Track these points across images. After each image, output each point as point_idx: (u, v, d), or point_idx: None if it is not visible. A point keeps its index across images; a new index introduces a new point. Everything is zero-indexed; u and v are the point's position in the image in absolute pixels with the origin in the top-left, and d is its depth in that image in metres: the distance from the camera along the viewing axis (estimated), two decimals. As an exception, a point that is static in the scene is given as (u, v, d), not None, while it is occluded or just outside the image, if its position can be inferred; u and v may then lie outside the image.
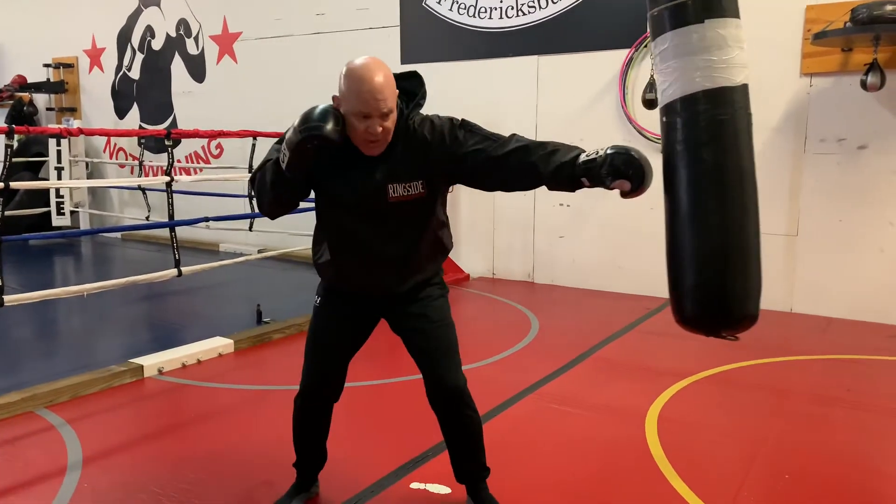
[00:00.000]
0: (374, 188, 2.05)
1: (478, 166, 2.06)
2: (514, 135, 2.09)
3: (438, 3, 6.47)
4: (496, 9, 6.22)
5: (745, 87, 1.75)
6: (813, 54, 4.95)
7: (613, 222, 5.68)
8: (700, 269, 1.78)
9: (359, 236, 2.11)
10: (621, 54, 5.67)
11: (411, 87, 2.11)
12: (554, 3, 5.96)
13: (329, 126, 1.90)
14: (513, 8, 6.15)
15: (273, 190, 2.05)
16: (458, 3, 6.37)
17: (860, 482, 2.69)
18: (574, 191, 1.99)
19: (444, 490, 2.54)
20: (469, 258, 6.61)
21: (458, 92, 6.39)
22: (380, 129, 1.94)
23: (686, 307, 1.82)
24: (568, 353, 4.17)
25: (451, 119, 2.12)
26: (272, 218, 2.16)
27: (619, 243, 5.70)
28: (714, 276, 1.78)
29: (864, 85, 4.65)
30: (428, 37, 6.57)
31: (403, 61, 6.67)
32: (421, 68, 7.31)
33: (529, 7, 6.08)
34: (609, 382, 3.76)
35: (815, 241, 5.12)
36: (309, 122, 1.89)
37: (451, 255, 6.88)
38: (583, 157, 1.91)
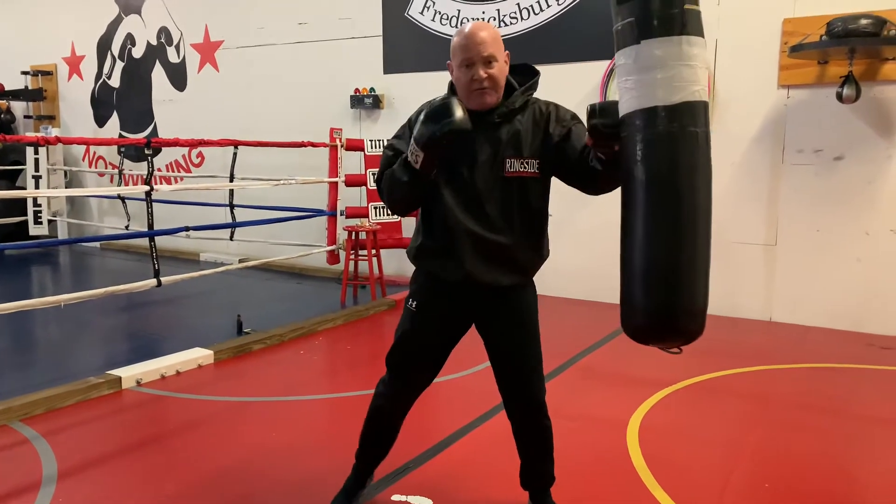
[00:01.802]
0: (492, 159, 2.06)
1: (571, 157, 2.09)
2: None
3: (421, 13, 6.49)
4: (478, 19, 6.25)
5: (683, 105, 1.74)
6: (790, 66, 5.03)
7: (595, 231, 5.70)
8: (648, 283, 1.81)
9: (469, 213, 2.07)
10: (602, 65, 5.72)
11: (524, 77, 2.19)
12: (535, 14, 6.00)
13: (458, 116, 1.92)
14: (495, 19, 6.18)
15: (411, 189, 2.06)
16: (440, 13, 6.40)
17: (839, 490, 2.71)
18: (605, 173, 1.99)
19: (425, 502, 2.52)
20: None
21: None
22: (484, 74, 2.00)
23: (634, 320, 1.85)
24: (550, 362, 4.13)
25: (571, 112, 2.22)
26: (403, 215, 2.22)
27: (600, 252, 5.71)
28: (662, 291, 1.80)
29: (839, 97, 4.72)
30: (410, 47, 6.58)
31: (386, 71, 6.67)
32: (403, 78, 7.35)
33: (511, 18, 6.11)
34: (591, 392, 3.76)
35: (793, 251, 5.18)
36: (441, 120, 1.92)
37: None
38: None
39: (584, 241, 5.86)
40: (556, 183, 2.21)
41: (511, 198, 2.08)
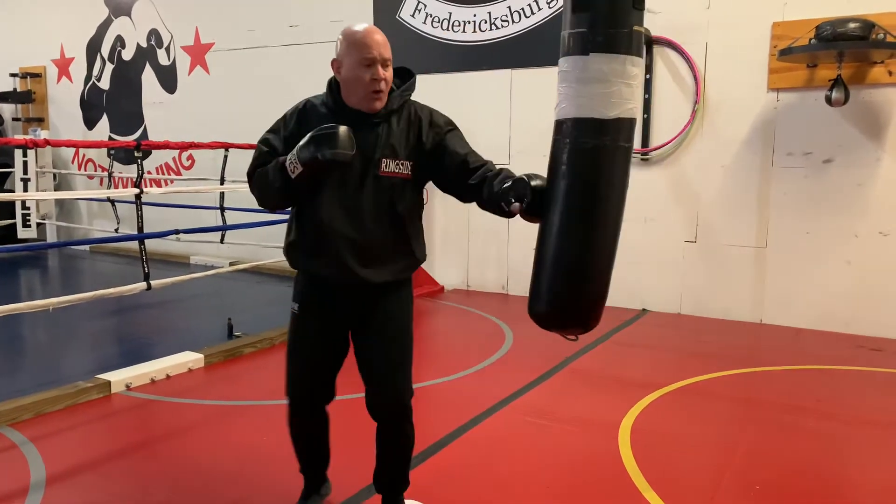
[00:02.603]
0: (367, 158, 2.07)
1: (448, 166, 2.13)
2: (472, 151, 2.18)
3: (412, 16, 6.49)
4: (469, 22, 6.26)
5: (618, 121, 1.83)
6: (779, 70, 5.06)
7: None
8: (555, 275, 1.94)
9: (342, 211, 2.07)
10: (593, 68, 5.73)
11: (400, 79, 2.19)
12: (527, 17, 6.02)
13: (343, 149, 1.93)
14: (486, 22, 6.19)
15: (281, 193, 2.07)
16: (431, 16, 6.41)
17: (830, 492, 2.72)
18: (501, 215, 2.04)
19: (417, 505, 2.52)
20: (443, 270, 6.60)
21: (432, 104, 6.40)
22: (383, 74, 2.02)
23: (538, 306, 1.98)
24: (542, 365, 4.17)
25: (448, 118, 2.24)
26: (274, 210, 2.22)
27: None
28: (567, 284, 1.94)
29: (828, 100, 4.75)
30: (401, 49, 6.52)
31: (377, 74, 6.67)
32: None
33: (503, 21, 6.13)
34: (582, 394, 3.77)
35: (783, 253, 5.21)
36: (328, 146, 1.92)
37: (425, 267, 6.86)
38: (505, 185, 1.99)
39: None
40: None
41: (383, 198, 2.10)
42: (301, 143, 1.97)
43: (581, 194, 1.89)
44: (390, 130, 2.09)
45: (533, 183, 1.92)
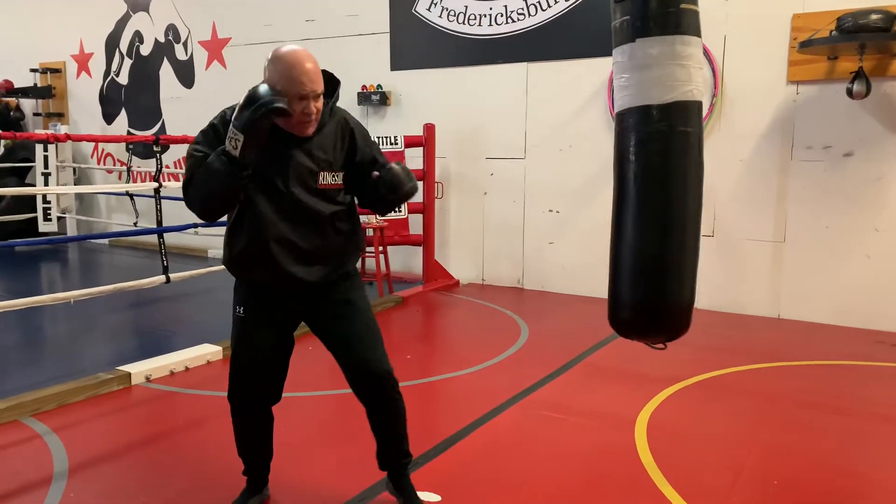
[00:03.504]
0: (307, 174, 2.12)
1: (362, 169, 2.22)
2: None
3: (428, 9, 6.48)
4: (486, 16, 6.24)
5: (675, 105, 1.75)
6: (799, 62, 5.00)
7: (602, 228, 5.67)
8: (636, 279, 1.84)
9: (284, 223, 2.13)
10: (610, 61, 5.69)
11: (327, 81, 2.17)
12: (543, 10, 5.99)
13: (275, 97, 1.97)
14: (502, 15, 6.17)
15: (228, 184, 2.03)
16: (447, 10, 6.39)
17: (848, 488, 2.70)
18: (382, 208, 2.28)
19: (433, 497, 2.53)
20: (458, 264, 6.61)
21: (447, 99, 6.41)
22: (314, 109, 2.05)
23: (620, 315, 1.89)
24: (557, 359, 4.17)
25: (366, 131, 2.32)
26: (212, 220, 2.20)
27: (604, 249, 5.70)
28: (649, 287, 1.84)
29: (849, 93, 4.70)
30: (417, 43, 6.57)
31: (393, 68, 6.68)
32: (410, 75, 7.33)
33: (519, 14, 6.10)
34: (598, 389, 3.76)
35: (802, 248, 5.16)
36: (262, 99, 1.96)
37: (440, 261, 6.87)
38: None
39: (588, 238, 5.84)
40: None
41: (320, 208, 2.15)
42: (233, 116, 2.00)
43: (649, 188, 1.80)
44: (323, 143, 2.14)
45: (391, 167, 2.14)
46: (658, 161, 1.79)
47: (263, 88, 1.99)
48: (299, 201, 2.12)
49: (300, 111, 2.02)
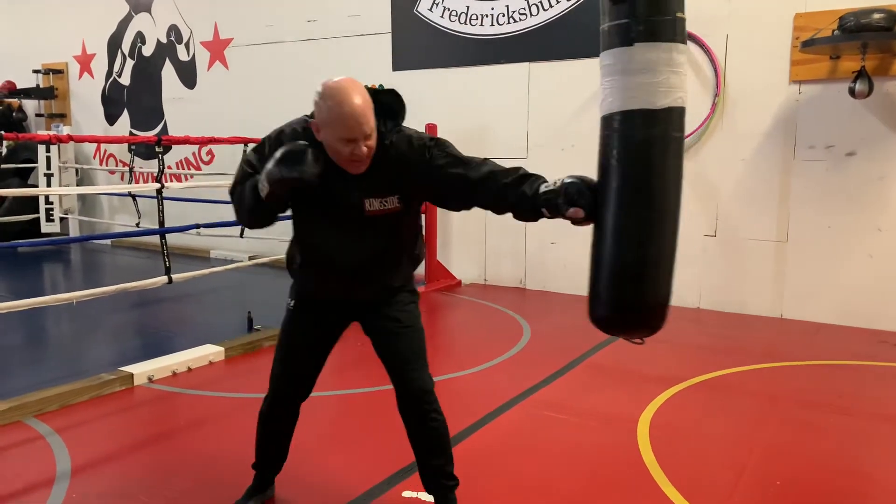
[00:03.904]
0: (351, 202, 2.08)
1: (448, 188, 2.11)
2: (486, 160, 2.12)
3: (430, 9, 6.48)
4: (487, 16, 6.24)
5: (669, 110, 1.78)
6: (801, 62, 4.99)
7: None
8: (615, 276, 1.88)
9: (334, 247, 2.14)
10: (612, 61, 5.70)
11: (388, 102, 2.10)
12: (545, 10, 5.98)
13: (308, 169, 1.93)
14: (504, 15, 6.17)
15: (252, 212, 2.11)
16: (449, 10, 6.39)
17: (850, 488, 2.70)
18: (537, 220, 2.05)
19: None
20: (461, 264, 6.61)
21: (449, 99, 6.41)
22: (364, 149, 1.95)
23: (598, 310, 1.93)
24: (560, 359, 4.17)
25: (427, 137, 2.15)
26: (252, 229, 2.27)
27: (610, 249, 5.71)
28: (627, 285, 1.88)
29: (852, 92, 4.69)
30: (419, 44, 6.58)
31: (395, 68, 6.68)
32: (412, 75, 7.33)
33: (520, 14, 6.10)
34: (601, 389, 3.76)
35: (804, 247, 5.15)
36: (293, 166, 1.92)
37: (442, 261, 6.87)
38: (543, 188, 1.96)
39: (590, 238, 5.83)
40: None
41: (375, 231, 2.13)
42: (269, 162, 1.97)
43: (635, 190, 1.83)
44: (372, 171, 2.04)
45: (590, 185, 1.88)
46: (644, 164, 1.83)
47: (298, 150, 1.94)
48: (345, 225, 2.11)
49: (349, 153, 1.94)
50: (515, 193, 2.00)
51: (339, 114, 1.90)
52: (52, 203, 8.43)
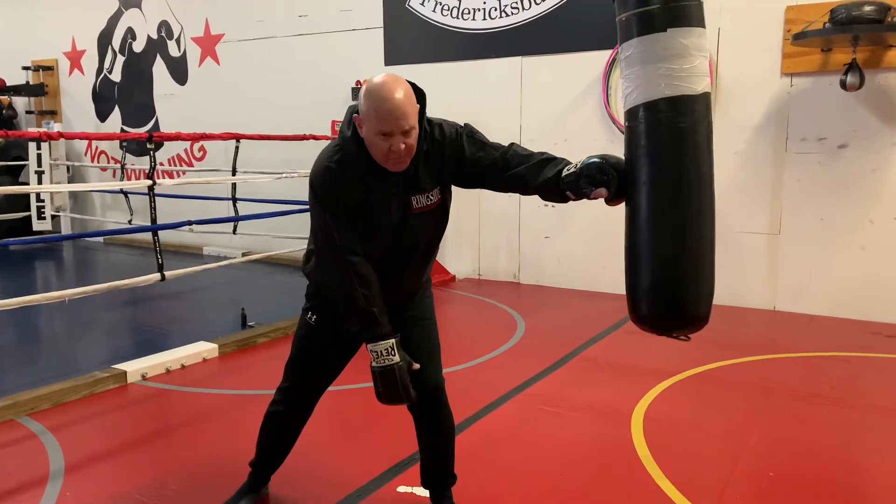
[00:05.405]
0: (398, 203, 2.04)
1: (476, 173, 2.10)
2: (512, 144, 2.11)
3: (422, 4, 6.46)
4: (479, 10, 6.22)
5: (705, 95, 1.77)
6: (793, 54, 5.00)
7: (598, 222, 5.70)
8: (655, 271, 1.83)
9: (384, 254, 2.09)
10: (604, 55, 5.70)
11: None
12: (537, 4, 5.97)
13: (411, 394, 2.08)
14: (496, 9, 6.15)
15: (346, 315, 2.10)
16: (441, 4, 6.37)
17: (844, 479, 2.71)
18: (565, 202, 2.03)
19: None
20: (455, 259, 6.60)
21: (442, 93, 6.38)
22: (403, 146, 1.91)
23: (641, 307, 1.86)
24: (554, 353, 4.18)
25: (456, 125, 2.14)
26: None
27: (603, 243, 5.72)
28: (668, 278, 1.83)
29: (843, 85, 4.70)
30: (411, 38, 6.56)
31: (387, 63, 6.66)
32: (404, 70, 7.34)
33: (513, 8, 6.09)
34: (595, 382, 3.77)
35: (797, 240, 5.17)
36: (398, 398, 2.07)
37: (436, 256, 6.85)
38: (565, 171, 1.94)
39: (586, 232, 5.85)
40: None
41: (421, 229, 2.11)
42: (378, 381, 2.07)
43: (677, 178, 1.78)
44: (413, 168, 2.03)
45: (611, 162, 1.86)
46: (686, 151, 1.79)
47: (404, 389, 2.07)
48: (391, 230, 2.07)
49: (387, 148, 1.90)
50: (539, 176, 2.00)
51: (378, 107, 1.88)
52: (43, 201, 8.38)
